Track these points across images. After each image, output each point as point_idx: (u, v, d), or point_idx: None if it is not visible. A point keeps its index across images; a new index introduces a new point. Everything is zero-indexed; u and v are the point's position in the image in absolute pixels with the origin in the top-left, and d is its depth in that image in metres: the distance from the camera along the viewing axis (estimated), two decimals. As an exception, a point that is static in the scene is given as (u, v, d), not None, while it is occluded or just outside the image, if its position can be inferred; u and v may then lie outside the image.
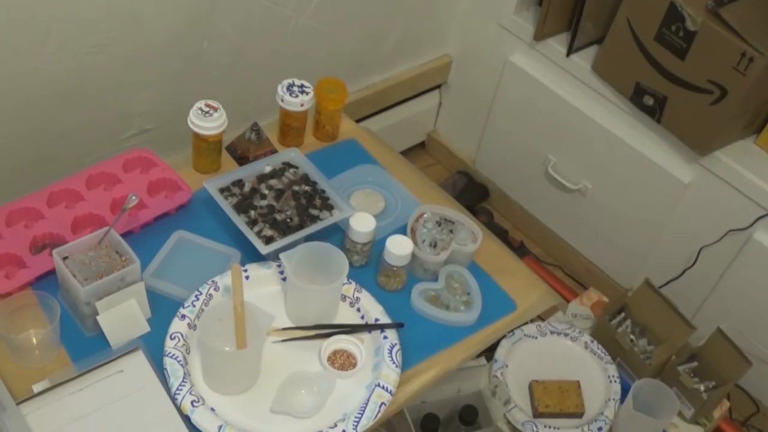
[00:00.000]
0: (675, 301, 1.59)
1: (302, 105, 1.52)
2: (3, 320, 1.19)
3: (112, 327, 1.21)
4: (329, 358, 1.25)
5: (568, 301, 1.79)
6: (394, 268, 1.35)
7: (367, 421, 1.18)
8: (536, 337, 1.56)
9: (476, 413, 1.42)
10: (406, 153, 2.45)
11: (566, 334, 1.57)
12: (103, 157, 1.46)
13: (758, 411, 1.98)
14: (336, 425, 1.17)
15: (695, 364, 1.56)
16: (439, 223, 1.44)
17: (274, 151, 1.53)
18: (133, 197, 1.30)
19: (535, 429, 1.43)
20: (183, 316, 1.24)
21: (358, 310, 1.32)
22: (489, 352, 1.47)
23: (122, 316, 1.22)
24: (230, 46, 1.82)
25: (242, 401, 1.19)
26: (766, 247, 1.77)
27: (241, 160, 1.52)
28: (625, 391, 1.48)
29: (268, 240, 1.32)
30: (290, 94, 1.52)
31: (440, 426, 1.43)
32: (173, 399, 1.16)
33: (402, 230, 1.43)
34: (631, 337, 1.59)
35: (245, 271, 1.31)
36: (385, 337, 1.27)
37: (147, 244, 1.33)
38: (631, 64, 1.82)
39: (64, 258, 1.21)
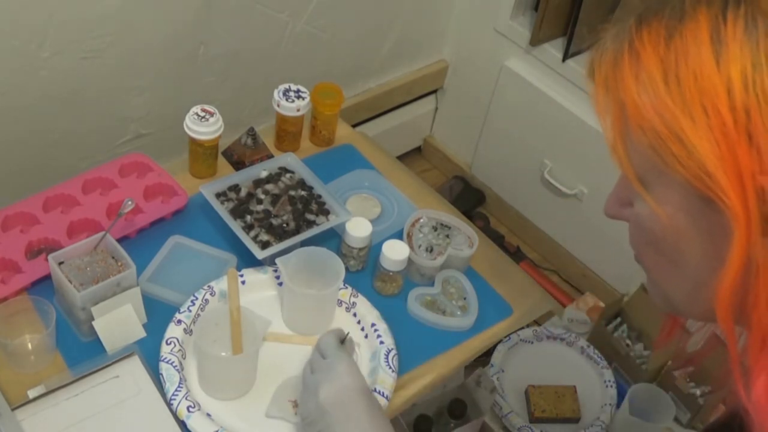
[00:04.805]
0: (671, 306, 1.58)
1: (298, 110, 1.52)
2: (-2, 325, 1.19)
3: (108, 332, 1.21)
4: (325, 363, 1.25)
5: (564, 306, 1.79)
6: (391, 273, 1.35)
7: (364, 426, 1.17)
8: (532, 342, 1.56)
9: (465, 406, 1.42)
10: (402, 158, 2.45)
11: (562, 339, 1.57)
12: (99, 162, 1.46)
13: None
14: (332, 430, 1.17)
15: (691, 368, 1.56)
16: (435, 228, 1.44)
17: (271, 156, 1.53)
18: (129, 202, 1.30)
19: (531, 434, 1.43)
20: (179, 321, 1.24)
21: (354, 314, 1.32)
22: (485, 357, 1.47)
23: (118, 321, 1.22)
24: (226, 51, 1.82)
25: (238, 406, 1.19)
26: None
27: (238, 165, 1.52)
28: (621, 395, 1.48)
29: (265, 245, 1.32)
30: (286, 99, 1.52)
31: (433, 425, 1.43)
32: (169, 404, 1.15)
33: (398, 235, 1.43)
34: (627, 341, 1.59)
35: (241, 275, 1.30)
36: (382, 342, 1.27)
37: (143, 249, 1.33)
38: (626, 69, 1.82)
39: (60, 263, 1.20)
